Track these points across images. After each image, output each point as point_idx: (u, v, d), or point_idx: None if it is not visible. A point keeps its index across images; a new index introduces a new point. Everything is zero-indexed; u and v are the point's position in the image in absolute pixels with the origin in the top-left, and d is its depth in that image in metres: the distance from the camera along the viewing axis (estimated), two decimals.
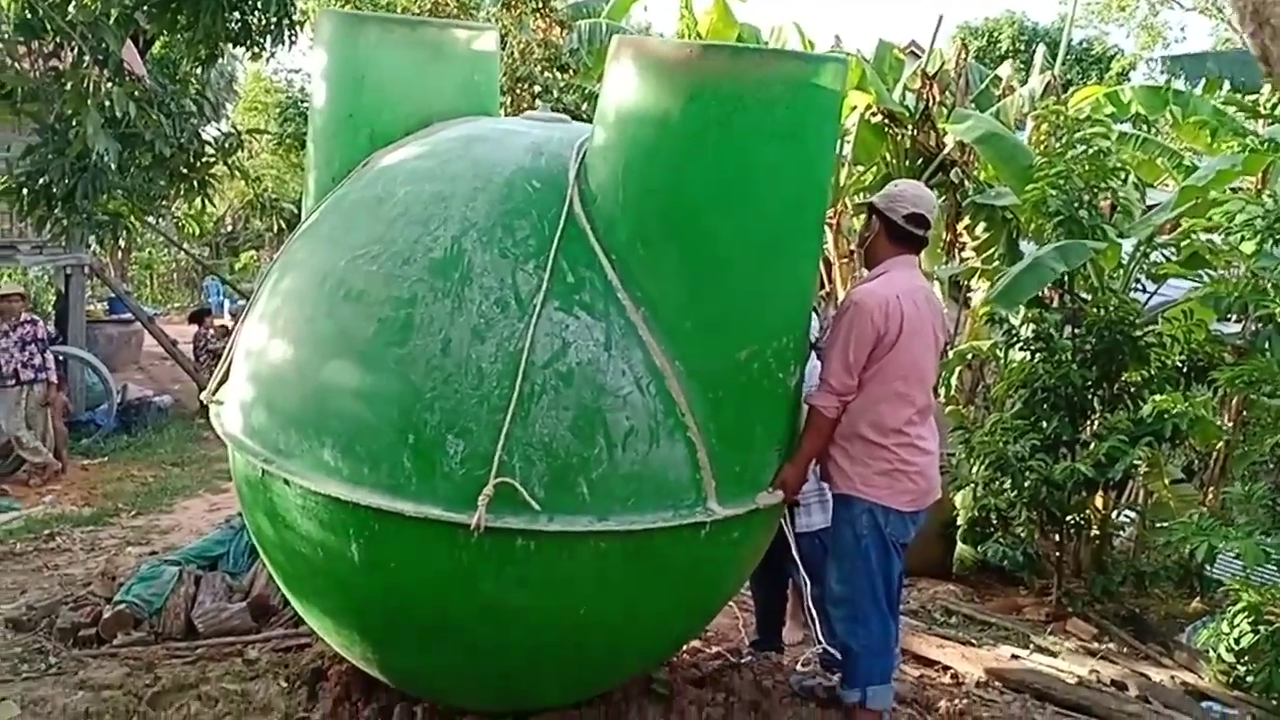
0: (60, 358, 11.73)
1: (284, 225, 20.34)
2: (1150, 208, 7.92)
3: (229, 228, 29.28)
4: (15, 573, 7.10)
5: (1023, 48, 26.55)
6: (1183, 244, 6.76)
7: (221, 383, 4.09)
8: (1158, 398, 5.78)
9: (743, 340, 3.46)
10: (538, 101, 12.23)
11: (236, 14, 8.25)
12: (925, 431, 3.96)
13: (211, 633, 5.25)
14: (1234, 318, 6.49)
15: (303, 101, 23.99)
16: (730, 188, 3.32)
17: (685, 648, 4.74)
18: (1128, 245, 7.22)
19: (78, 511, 8.99)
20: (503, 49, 13.67)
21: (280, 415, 3.59)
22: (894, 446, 3.87)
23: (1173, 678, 5.48)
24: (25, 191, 8.29)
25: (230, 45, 8.88)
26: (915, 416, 3.91)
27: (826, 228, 10.38)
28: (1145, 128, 9.53)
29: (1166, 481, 6.47)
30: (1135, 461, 5.97)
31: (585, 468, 3.25)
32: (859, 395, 3.85)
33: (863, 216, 4.71)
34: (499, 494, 3.17)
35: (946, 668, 5.29)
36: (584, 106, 15.99)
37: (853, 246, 9.83)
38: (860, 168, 10.37)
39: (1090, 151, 6.57)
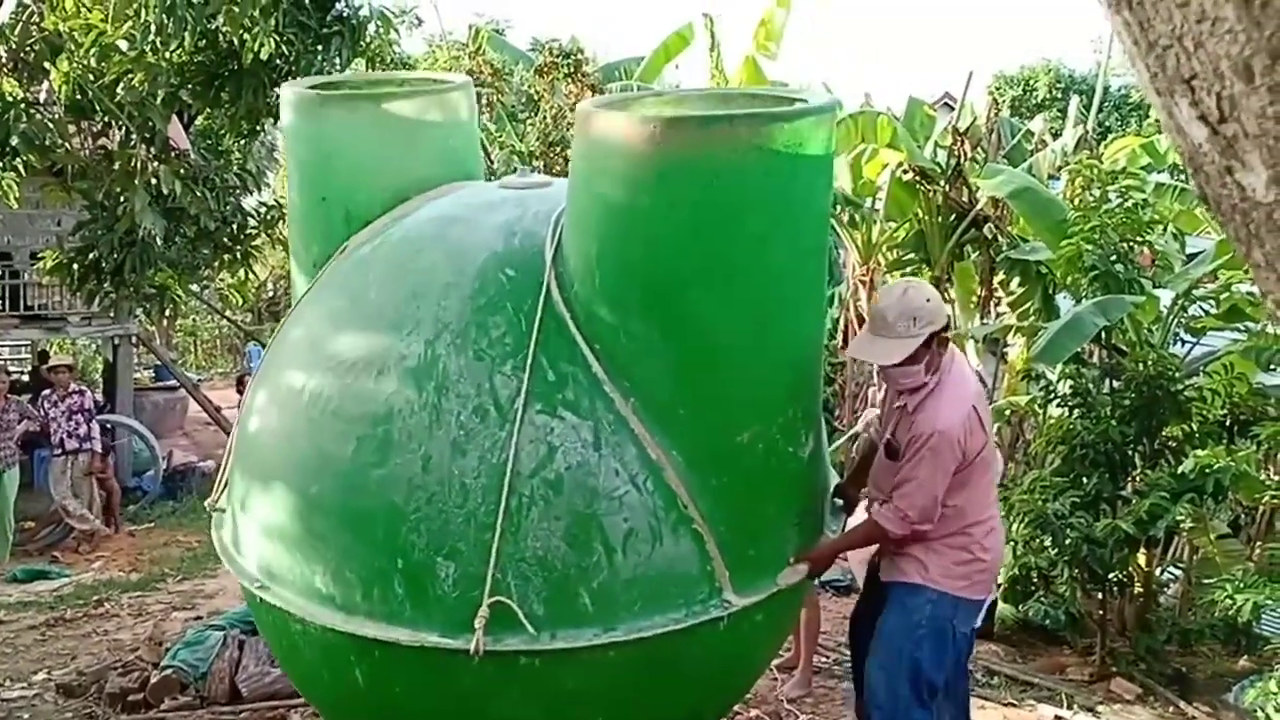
0: (108, 425, 11.96)
1: None
2: (1192, 257, 7.87)
3: (270, 293, 29.72)
4: (66, 638, 7.23)
5: (1059, 95, 26.31)
6: (1222, 296, 6.71)
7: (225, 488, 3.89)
8: (1199, 453, 5.68)
9: (743, 421, 3.22)
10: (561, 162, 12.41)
11: (277, 90, 8.45)
12: (996, 509, 3.93)
13: (255, 696, 5.33)
14: (1277, 370, 6.41)
15: None
16: (712, 264, 3.05)
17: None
18: (1166, 298, 7.17)
19: (125, 577, 9.14)
20: (536, 114, 13.91)
21: (271, 538, 3.42)
22: (980, 537, 3.73)
23: None
24: (76, 266, 8.52)
25: (271, 120, 9.10)
26: (992, 500, 3.89)
27: (860, 285, 10.48)
28: (1184, 177, 9.50)
29: (1212, 537, 6.35)
30: (1178, 518, 5.87)
31: (585, 577, 3.06)
32: (946, 504, 3.64)
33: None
34: (496, 614, 2.99)
35: None
36: None
37: None
38: (892, 224, 10.44)
39: (1125, 205, 6.56)
